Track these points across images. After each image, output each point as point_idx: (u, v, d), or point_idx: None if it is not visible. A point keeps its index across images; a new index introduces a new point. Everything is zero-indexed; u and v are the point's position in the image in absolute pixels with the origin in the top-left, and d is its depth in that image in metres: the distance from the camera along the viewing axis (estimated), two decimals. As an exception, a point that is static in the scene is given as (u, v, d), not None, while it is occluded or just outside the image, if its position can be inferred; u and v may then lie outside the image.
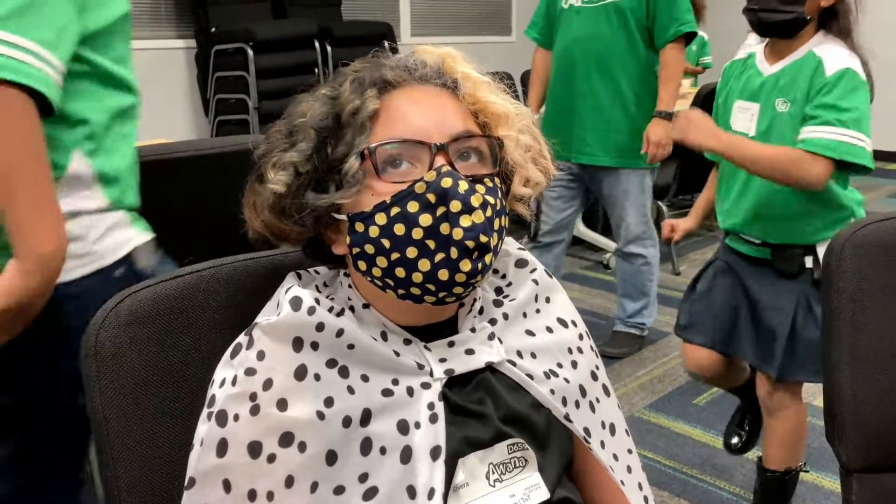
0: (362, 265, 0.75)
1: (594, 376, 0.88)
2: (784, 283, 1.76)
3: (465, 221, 0.71)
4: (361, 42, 5.15)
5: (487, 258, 0.73)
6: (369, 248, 0.74)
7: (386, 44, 5.15)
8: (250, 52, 4.47)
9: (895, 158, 6.30)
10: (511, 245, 0.89)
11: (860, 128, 1.59)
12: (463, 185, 0.71)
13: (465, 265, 0.72)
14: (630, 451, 0.89)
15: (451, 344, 0.79)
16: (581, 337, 0.89)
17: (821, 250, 1.69)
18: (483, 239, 0.72)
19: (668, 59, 2.68)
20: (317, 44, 4.82)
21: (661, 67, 2.71)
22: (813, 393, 2.61)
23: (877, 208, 5.05)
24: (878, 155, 2.76)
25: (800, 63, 1.67)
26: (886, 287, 1.12)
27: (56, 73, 0.94)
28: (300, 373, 0.72)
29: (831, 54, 1.62)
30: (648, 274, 2.94)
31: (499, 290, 0.87)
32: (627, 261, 2.94)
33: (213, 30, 4.72)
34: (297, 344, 0.73)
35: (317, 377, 0.72)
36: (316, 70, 4.87)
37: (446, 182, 0.71)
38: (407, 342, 0.78)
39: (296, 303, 0.73)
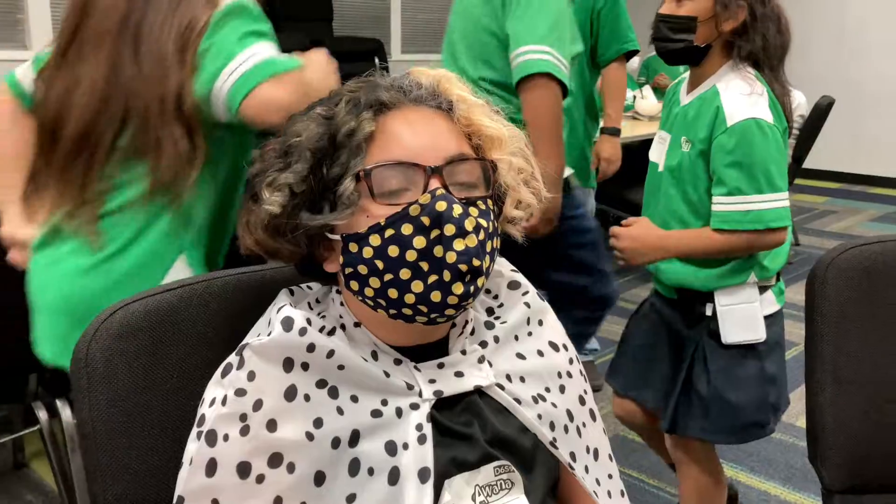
0: (355, 285, 0.76)
1: (582, 401, 0.89)
2: (686, 330, 1.64)
3: (459, 245, 0.72)
4: (352, 58, 5.17)
5: (479, 281, 0.74)
6: (362, 269, 0.74)
7: (377, 61, 5.18)
8: (241, 65, 4.49)
9: (878, 183, 6.38)
10: (504, 266, 0.90)
11: (773, 186, 1.46)
12: (457, 209, 0.72)
13: (458, 288, 0.73)
14: (611, 476, 0.90)
15: (441, 365, 0.79)
16: (571, 361, 0.89)
17: (721, 299, 1.55)
18: (476, 263, 0.72)
19: (613, 76, 2.69)
20: (308, 59, 4.84)
21: (606, 85, 2.72)
22: (795, 414, 2.63)
23: (860, 232, 5.10)
24: (862, 179, 2.79)
25: (705, 97, 1.52)
26: (868, 310, 1.14)
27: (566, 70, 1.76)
28: (290, 393, 0.72)
29: (731, 98, 1.46)
30: None
31: (490, 311, 0.88)
32: None
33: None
34: (288, 364, 0.73)
35: (306, 398, 0.73)
36: (306, 84, 4.88)
37: (441, 205, 0.72)
38: (397, 362, 0.78)
39: (287, 323, 0.74)
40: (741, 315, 1.56)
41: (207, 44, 1.18)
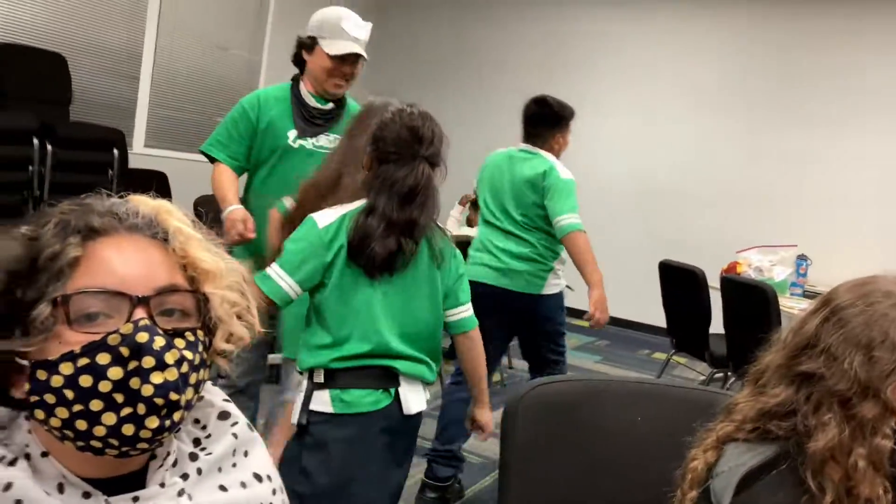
0: (40, 414, 0.72)
1: None
2: None
3: (157, 378, 0.72)
4: (88, 146, 4.91)
5: (177, 415, 0.74)
6: (49, 398, 0.71)
7: (115, 152, 4.95)
8: (-47, 138, 4.07)
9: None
10: (216, 396, 0.90)
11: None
12: (159, 341, 0.72)
13: (153, 422, 0.72)
14: None
15: (136, 499, 0.77)
16: (274, 492, 0.90)
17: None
18: (174, 396, 0.73)
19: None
20: (36, 141, 4.50)
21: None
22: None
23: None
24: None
25: None
26: (550, 444, 1.28)
27: None
28: None
29: None
30: None
31: (197, 442, 0.87)
32: None
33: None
34: None
35: None
36: (31, 168, 4.52)
37: (142, 337, 0.72)
38: (86, 495, 0.75)
39: None
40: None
41: None
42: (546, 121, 3.08)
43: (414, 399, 1.74)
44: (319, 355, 1.69)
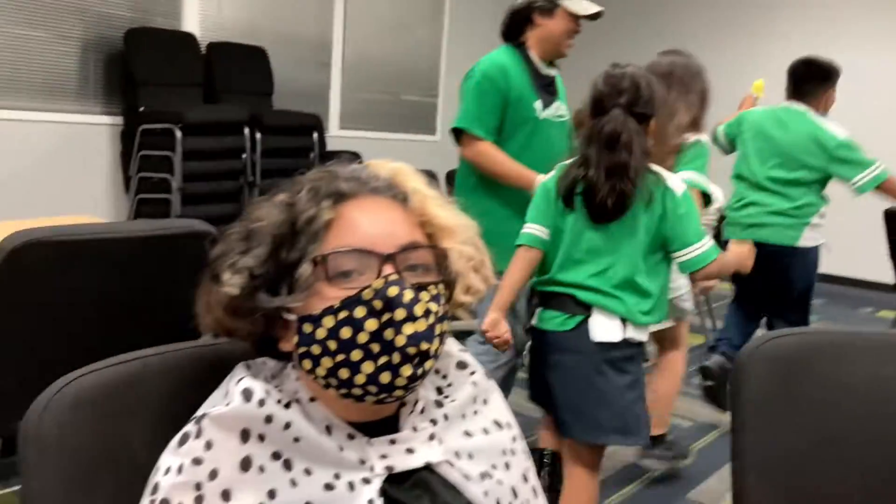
0: (307, 364, 0.79)
1: (525, 478, 0.92)
2: None
3: (409, 329, 0.76)
4: (291, 132, 5.24)
5: (428, 364, 0.78)
6: (315, 349, 0.77)
7: (315, 136, 5.25)
8: (178, 133, 4.48)
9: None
10: (453, 346, 0.93)
11: None
12: (408, 294, 0.76)
13: (406, 370, 0.76)
14: None
15: (393, 441, 0.82)
16: (514, 439, 0.93)
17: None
18: (424, 346, 0.76)
19: None
20: (247, 130, 4.87)
21: None
22: (717, 497, 2.69)
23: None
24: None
25: None
26: (787, 399, 1.21)
27: None
28: (245, 464, 0.74)
29: None
30: None
31: (440, 390, 0.91)
32: None
33: (142, 109, 4.72)
34: (245, 435, 0.75)
35: (261, 469, 0.74)
36: (244, 155, 4.90)
37: (392, 290, 0.76)
38: (350, 437, 0.81)
39: (247, 394, 0.76)
40: None
41: None
42: (815, 78, 3.20)
43: (602, 329, 1.90)
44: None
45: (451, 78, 6.93)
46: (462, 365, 0.94)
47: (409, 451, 0.82)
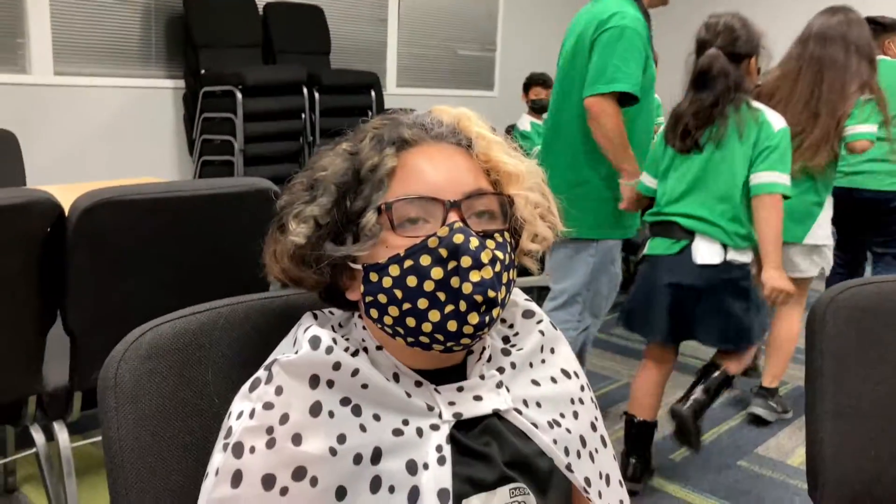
0: (374, 313, 0.78)
1: (594, 427, 0.91)
2: None
3: (475, 276, 0.74)
4: (349, 90, 5.24)
5: (495, 312, 0.77)
6: (382, 298, 0.77)
7: (373, 94, 5.24)
8: (239, 95, 4.52)
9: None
10: (518, 296, 0.92)
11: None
12: (474, 242, 0.75)
13: (473, 318, 0.75)
14: (622, 502, 0.91)
15: (461, 389, 0.81)
16: (582, 388, 0.91)
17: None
18: (491, 294, 0.75)
19: None
20: (305, 90, 4.89)
21: None
22: (786, 452, 2.65)
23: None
24: None
25: None
26: (865, 348, 1.17)
27: None
28: (315, 409, 0.74)
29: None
30: None
31: (506, 339, 0.90)
32: None
33: (203, 72, 4.78)
34: (314, 381, 0.75)
35: (331, 414, 0.75)
36: (303, 115, 4.93)
37: (458, 238, 0.74)
38: (418, 384, 0.81)
39: (314, 342, 0.76)
40: None
41: None
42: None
43: (704, 253, 2.14)
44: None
45: (509, 31, 6.82)
46: (529, 314, 0.92)
47: (477, 398, 0.81)
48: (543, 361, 0.90)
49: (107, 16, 4.66)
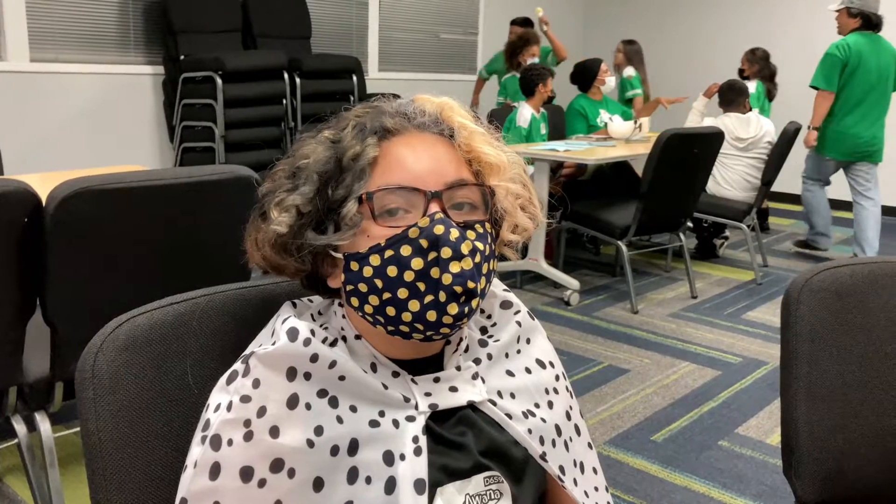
0: (355, 301, 0.79)
1: (568, 416, 0.92)
2: None
3: (455, 267, 0.75)
4: (330, 75, 5.21)
5: (474, 302, 0.77)
6: (362, 287, 0.77)
7: (354, 78, 5.21)
8: (219, 80, 4.49)
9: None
10: (497, 286, 0.93)
11: None
12: (454, 233, 0.75)
13: (453, 308, 0.76)
14: (597, 489, 0.92)
15: (437, 380, 0.82)
16: (557, 378, 0.92)
17: None
18: (471, 285, 0.75)
19: None
20: (286, 75, 4.86)
21: None
22: (766, 432, 2.68)
23: (827, 253, 5.22)
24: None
25: None
26: (839, 330, 1.19)
27: None
28: (292, 402, 0.75)
29: None
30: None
31: (484, 330, 0.91)
32: None
33: (182, 57, 4.74)
34: (291, 373, 0.76)
35: (308, 406, 0.75)
36: (284, 101, 4.90)
37: (438, 229, 0.75)
38: (395, 374, 0.81)
39: (292, 333, 0.76)
40: None
41: None
42: None
43: None
44: None
45: (491, 15, 6.79)
46: (507, 304, 0.93)
47: (453, 389, 0.82)
48: (519, 352, 0.91)
49: (84, 1, 4.60)
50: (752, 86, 5.49)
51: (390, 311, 0.77)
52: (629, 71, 5.72)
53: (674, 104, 5.60)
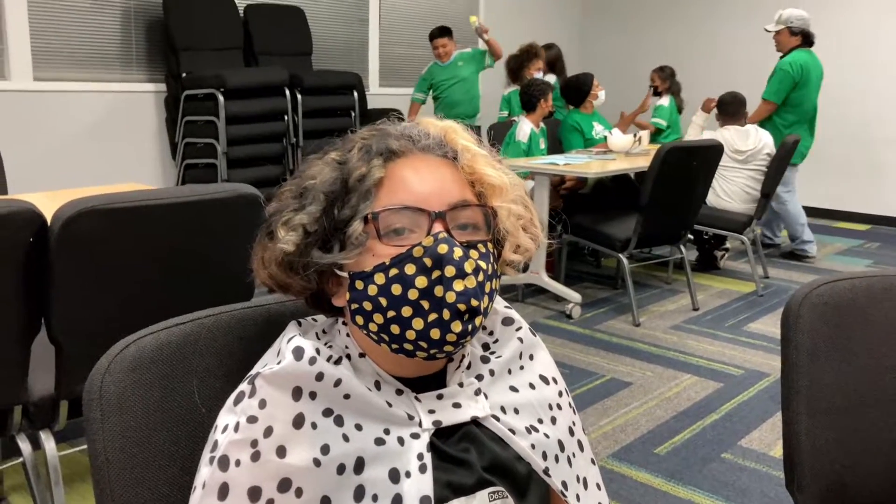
0: (360, 320, 0.80)
1: (571, 432, 0.93)
2: None
3: (458, 286, 0.76)
4: (331, 91, 5.24)
5: (477, 320, 0.79)
6: (367, 305, 0.78)
7: (355, 94, 5.24)
8: (221, 97, 4.52)
9: (842, 217, 6.55)
10: (499, 303, 0.94)
11: None
12: (458, 252, 0.76)
13: (457, 326, 0.77)
14: None
15: (440, 397, 0.83)
16: (560, 394, 0.93)
17: None
18: (474, 303, 0.77)
19: None
20: (287, 92, 4.89)
21: None
22: (768, 444, 2.68)
23: (826, 264, 5.23)
24: (826, 213, 2.95)
25: None
26: (838, 343, 1.20)
27: None
28: (298, 421, 0.76)
29: None
30: None
31: (486, 346, 0.92)
32: None
33: (184, 75, 4.77)
34: (297, 393, 0.77)
35: (314, 426, 0.76)
36: (286, 117, 4.93)
37: (442, 248, 0.76)
38: (399, 392, 0.82)
39: (298, 353, 0.78)
40: None
41: None
42: None
43: None
44: None
45: (491, 31, 6.83)
46: (508, 321, 0.94)
47: (456, 405, 0.83)
48: (522, 368, 0.92)
49: (86, 20, 4.64)
50: (666, 100, 5.79)
51: (395, 329, 0.78)
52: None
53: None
